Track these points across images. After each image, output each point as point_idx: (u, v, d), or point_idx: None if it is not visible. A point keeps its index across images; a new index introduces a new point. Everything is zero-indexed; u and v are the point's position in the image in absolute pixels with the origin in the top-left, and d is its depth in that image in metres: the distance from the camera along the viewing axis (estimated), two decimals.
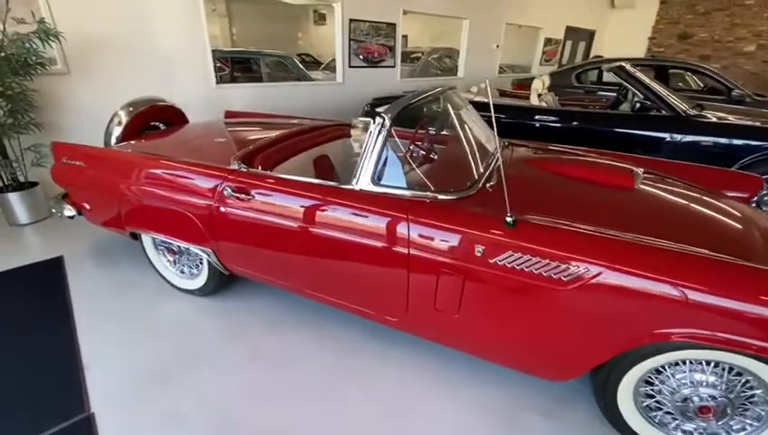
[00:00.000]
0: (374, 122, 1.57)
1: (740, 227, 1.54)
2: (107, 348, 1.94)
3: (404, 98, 1.74)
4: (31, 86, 3.05)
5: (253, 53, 5.90)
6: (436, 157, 1.73)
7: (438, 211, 1.47)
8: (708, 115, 3.38)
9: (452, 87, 2.19)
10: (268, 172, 1.83)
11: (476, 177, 1.68)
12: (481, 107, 4.05)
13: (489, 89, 1.59)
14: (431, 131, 2.17)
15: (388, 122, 1.56)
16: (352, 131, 2.80)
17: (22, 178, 3.19)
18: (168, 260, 2.33)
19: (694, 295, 1.17)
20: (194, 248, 2.04)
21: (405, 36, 15.07)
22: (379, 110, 1.63)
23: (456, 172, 1.68)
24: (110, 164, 2.14)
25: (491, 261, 1.36)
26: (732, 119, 3.36)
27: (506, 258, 1.35)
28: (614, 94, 5.51)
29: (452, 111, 2.03)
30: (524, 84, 6.39)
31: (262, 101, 4.67)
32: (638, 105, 3.43)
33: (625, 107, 4.36)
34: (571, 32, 9.54)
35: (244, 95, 4.55)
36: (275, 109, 4.77)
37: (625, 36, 10.37)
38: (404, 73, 6.28)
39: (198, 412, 1.62)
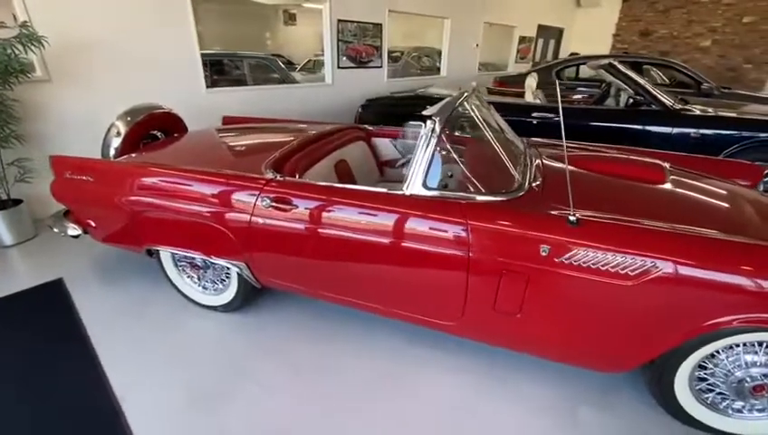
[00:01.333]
0: (425, 126, 1.55)
1: None
2: (138, 375, 1.82)
3: (448, 101, 1.73)
4: (10, 96, 2.81)
5: (234, 54, 5.70)
6: (476, 158, 1.73)
7: (498, 213, 1.47)
8: (692, 108, 3.58)
9: (475, 87, 2.20)
10: (308, 181, 1.77)
11: (520, 177, 1.69)
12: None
13: (558, 91, 1.61)
14: (467, 132, 2.18)
15: (438, 126, 1.55)
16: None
17: (4, 196, 2.94)
18: (190, 276, 2.21)
19: (756, 283, 1.23)
20: (224, 262, 1.95)
21: None
22: (427, 113, 1.61)
23: (500, 173, 1.69)
24: (125, 178, 2.00)
25: (557, 260, 1.38)
26: (711, 111, 3.58)
27: (572, 257, 1.37)
28: (592, 90, 5.77)
29: (483, 111, 2.05)
30: (506, 82, 6.56)
31: (252, 105, 4.52)
32: (631, 101, 3.58)
33: (610, 102, 4.55)
34: (543, 30, 9.85)
35: (234, 99, 4.39)
36: (267, 112, 4.64)
37: (591, 34, 10.82)
38: (389, 74, 6.26)
39: (251, 434, 1.55)
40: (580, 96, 5.58)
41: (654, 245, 1.31)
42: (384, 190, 1.63)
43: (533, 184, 1.68)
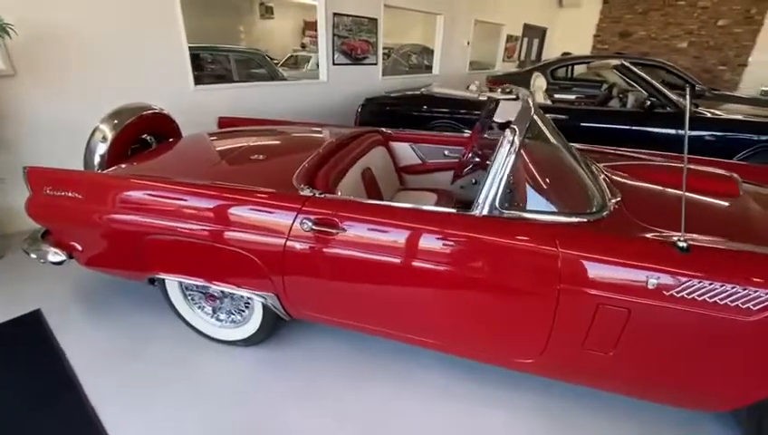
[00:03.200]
0: (504, 138, 1.32)
1: None
2: (149, 427, 1.51)
3: (524, 106, 1.51)
4: None
5: (218, 48, 5.27)
6: (550, 173, 1.52)
7: (595, 239, 1.27)
8: (704, 111, 3.55)
9: (525, 91, 1.99)
10: (356, 199, 1.51)
11: (599, 194, 1.50)
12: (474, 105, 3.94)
13: (689, 97, 1.42)
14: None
15: (518, 138, 1.33)
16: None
17: None
18: (202, 307, 1.90)
19: None
20: (249, 294, 1.66)
21: None
22: (498, 120, 1.39)
23: (577, 189, 1.49)
24: (124, 195, 1.67)
25: (666, 293, 1.20)
26: (721, 113, 3.56)
27: (684, 289, 1.19)
28: (586, 90, 5.74)
29: (543, 117, 1.84)
30: (499, 81, 6.43)
31: (243, 104, 4.16)
32: (648, 103, 3.50)
33: (614, 103, 4.50)
34: (528, 29, 9.85)
35: (223, 98, 4.02)
36: (260, 112, 4.29)
37: (572, 34, 10.94)
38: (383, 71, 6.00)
39: None
40: (573, 96, 5.54)
41: None
42: (452, 211, 1.40)
43: (613, 202, 1.49)
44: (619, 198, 1.51)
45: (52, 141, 2.95)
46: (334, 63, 4.99)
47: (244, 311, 1.85)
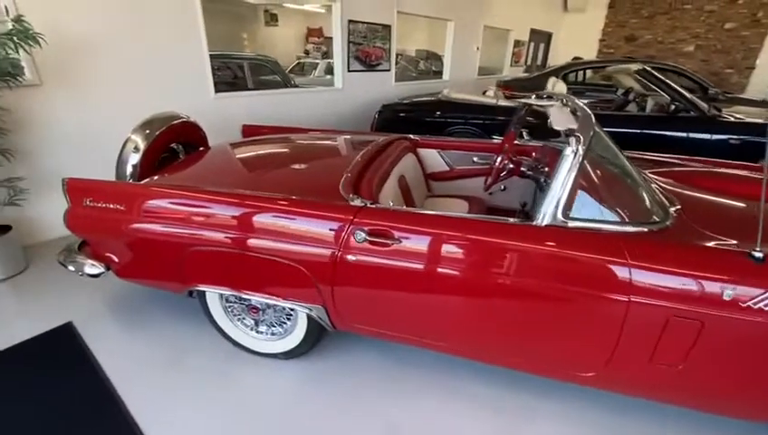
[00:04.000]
0: (570, 145, 1.30)
1: None
2: None
3: (584, 112, 1.48)
4: None
5: (231, 56, 5.28)
6: (609, 179, 1.48)
7: (667, 249, 1.24)
8: (727, 115, 3.53)
9: (571, 96, 1.97)
10: (411, 209, 1.48)
11: (659, 202, 1.47)
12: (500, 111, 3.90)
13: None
14: None
15: (583, 146, 1.30)
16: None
17: None
18: (242, 319, 1.87)
19: None
20: (296, 306, 1.63)
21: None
22: (559, 127, 1.36)
23: (638, 196, 1.46)
24: (169, 206, 1.64)
25: (743, 305, 1.17)
26: (743, 117, 3.53)
27: (762, 300, 1.16)
28: (600, 94, 5.73)
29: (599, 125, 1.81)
30: (511, 86, 6.42)
31: (260, 112, 4.15)
32: (672, 107, 3.49)
33: (631, 107, 4.49)
34: (534, 34, 9.89)
35: (242, 105, 4.01)
36: (279, 119, 4.28)
37: (577, 38, 10.98)
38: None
39: None
40: (586, 101, 5.53)
41: None
42: (513, 221, 1.37)
43: (673, 210, 1.46)
44: (678, 206, 1.48)
45: (75, 152, 2.94)
46: (349, 70, 4.99)
47: (285, 323, 1.82)
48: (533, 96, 2.50)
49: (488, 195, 2.75)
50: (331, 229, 1.47)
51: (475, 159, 2.77)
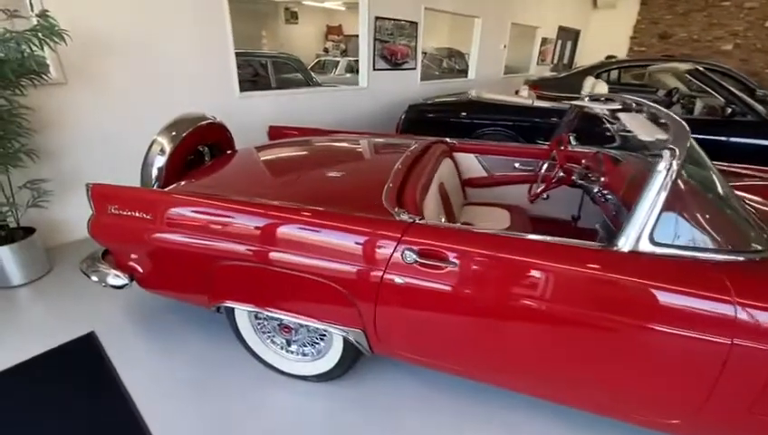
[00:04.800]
0: (663, 160, 1.11)
1: None
2: None
3: (674, 120, 1.29)
4: (21, 101, 2.28)
5: (254, 54, 5.18)
6: (699, 198, 1.29)
7: None
8: None
9: (645, 101, 1.76)
10: (466, 227, 1.32)
11: (756, 225, 1.27)
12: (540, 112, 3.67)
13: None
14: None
15: (678, 163, 1.11)
16: None
17: (13, 224, 2.40)
18: (272, 338, 1.74)
19: None
20: (332, 329, 1.49)
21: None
22: (646, 138, 1.18)
23: (735, 218, 1.25)
24: (197, 217, 1.52)
25: None
26: None
27: None
28: (638, 95, 5.43)
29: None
30: (541, 85, 6.15)
31: (285, 112, 4.04)
32: (729, 110, 3.22)
33: (676, 109, 4.20)
34: (561, 31, 9.56)
35: (266, 105, 3.90)
36: (303, 119, 4.17)
37: (607, 36, 10.58)
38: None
39: None
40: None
41: None
42: (593, 245, 1.19)
43: None
44: None
45: (99, 152, 2.87)
46: (374, 69, 4.84)
47: (318, 343, 1.68)
48: (586, 98, 2.31)
49: (528, 203, 2.57)
50: (376, 247, 1.32)
51: (516, 164, 2.58)
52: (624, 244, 1.15)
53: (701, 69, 3.42)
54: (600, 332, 1.16)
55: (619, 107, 1.86)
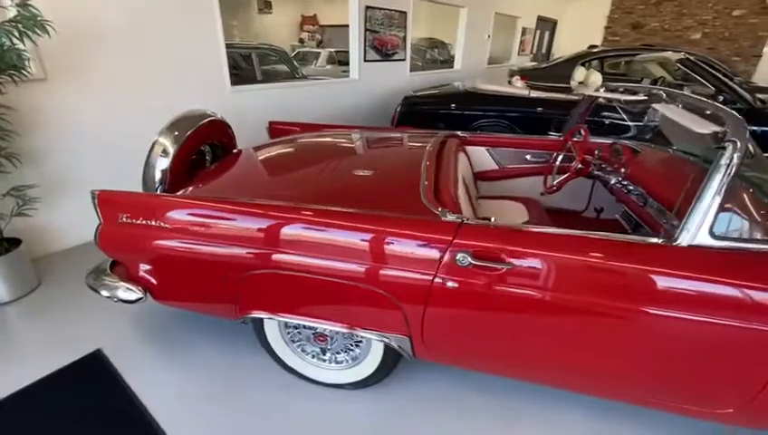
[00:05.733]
0: (725, 153, 1.10)
1: None
2: None
3: (727, 112, 1.28)
4: (1, 100, 2.07)
5: (239, 45, 4.95)
6: (756, 191, 1.29)
7: None
8: None
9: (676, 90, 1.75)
10: (520, 226, 1.28)
11: None
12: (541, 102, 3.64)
13: None
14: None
15: (739, 156, 1.10)
16: None
17: None
18: (303, 346, 1.66)
19: None
20: (374, 337, 1.42)
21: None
22: (701, 130, 1.17)
23: None
24: (222, 224, 1.41)
25: None
26: None
27: None
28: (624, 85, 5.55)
29: None
30: (528, 76, 6.18)
31: (276, 105, 3.88)
32: (720, 99, 3.32)
33: None
34: (540, 21, 9.66)
35: (258, 99, 3.73)
36: (296, 113, 4.02)
37: (582, 26, 10.79)
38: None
39: None
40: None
41: None
42: (652, 240, 1.18)
43: None
44: None
45: (84, 153, 2.66)
46: (366, 60, 4.72)
47: (352, 349, 1.62)
48: (602, 89, 2.31)
49: (540, 195, 2.57)
50: (426, 250, 1.26)
51: (527, 156, 2.57)
52: (684, 238, 1.14)
53: (692, 58, 3.50)
54: (662, 327, 1.16)
55: (643, 98, 1.86)
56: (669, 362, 1.20)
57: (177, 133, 1.95)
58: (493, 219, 1.32)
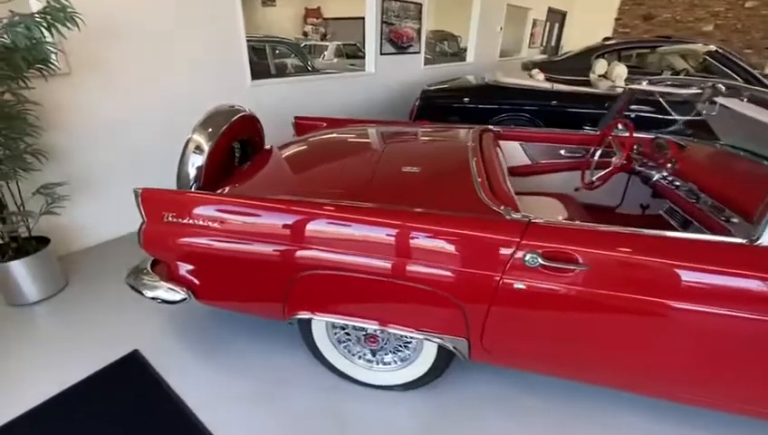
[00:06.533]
0: None
1: None
2: None
3: None
4: (28, 95, 2.01)
5: (253, 38, 4.86)
6: None
7: None
8: None
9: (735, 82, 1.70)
10: (593, 225, 1.23)
11: None
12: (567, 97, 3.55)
13: None
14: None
15: None
16: None
17: (25, 234, 2.14)
18: (348, 346, 1.62)
19: None
20: (431, 338, 1.38)
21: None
22: None
23: None
24: (274, 224, 1.37)
25: None
26: None
27: None
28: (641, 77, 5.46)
29: None
30: (544, 69, 6.08)
31: (293, 100, 3.82)
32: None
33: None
34: (550, 13, 9.54)
35: (277, 93, 3.67)
36: (314, 106, 3.96)
37: (592, 18, 10.65)
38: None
39: None
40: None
41: None
42: (730, 240, 1.13)
43: None
44: None
45: (107, 148, 2.61)
46: (382, 53, 4.64)
47: (401, 350, 1.58)
48: (645, 82, 2.25)
49: (574, 190, 2.52)
50: (492, 250, 1.21)
51: (562, 151, 2.51)
52: (764, 236, 1.09)
53: (721, 50, 3.44)
54: (745, 329, 1.11)
55: (697, 91, 1.81)
56: (750, 365, 1.16)
57: (211, 130, 1.90)
58: (559, 217, 1.27)
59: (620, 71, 3.77)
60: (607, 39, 6.97)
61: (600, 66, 4.23)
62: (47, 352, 1.83)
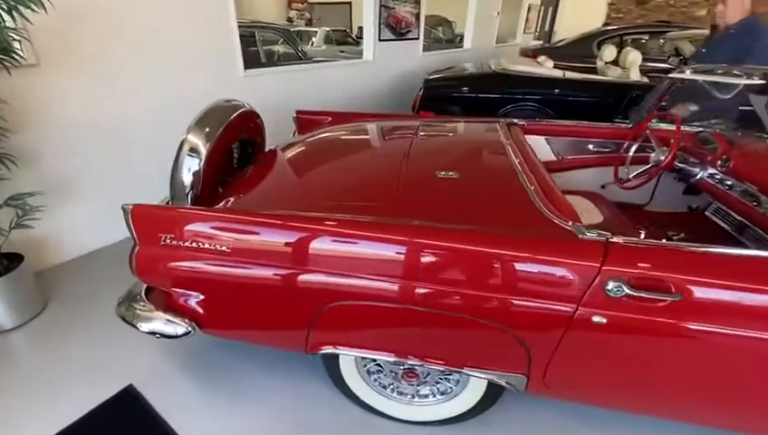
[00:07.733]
0: None
1: None
2: None
3: None
4: None
5: (243, 24, 4.51)
6: None
7: None
8: None
9: None
10: (688, 246, 1.03)
11: None
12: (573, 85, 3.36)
13: None
14: None
15: None
16: None
17: None
18: (381, 382, 1.42)
19: None
20: (483, 375, 1.19)
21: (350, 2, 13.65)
22: None
23: None
24: (296, 246, 1.14)
25: None
26: None
27: None
28: (647, 64, 5.31)
29: None
30: (536, 53, 5.88)
31: (289, 89, 3.53)
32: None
33: None
34: None
35: (271, 82, 3.38)
36: (312, 97, 3.68)
37: (585, 2, 10.45)
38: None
39: None
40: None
41: None
42: None
43: None
44: None
45: (85, 148, 2.31)
46: (380, 39, 4.36)
47: (441, 383, 1.39)
48: (688, 70, 2.07)
49: (601, 187, 2.35)
50: (566, 278, 1.01)
51: (590, 146, 2.33)
52: None
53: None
54: None
55: (747, 81, 1.63)
56: None
57: (208, 130, 1.63)
58: (642, 234, 1.08)
59: (634, 57, 3.59)
60: (606, 25, 6.80)
61: (609, 53, 4.05)
62: (30, 391, 1.58)
